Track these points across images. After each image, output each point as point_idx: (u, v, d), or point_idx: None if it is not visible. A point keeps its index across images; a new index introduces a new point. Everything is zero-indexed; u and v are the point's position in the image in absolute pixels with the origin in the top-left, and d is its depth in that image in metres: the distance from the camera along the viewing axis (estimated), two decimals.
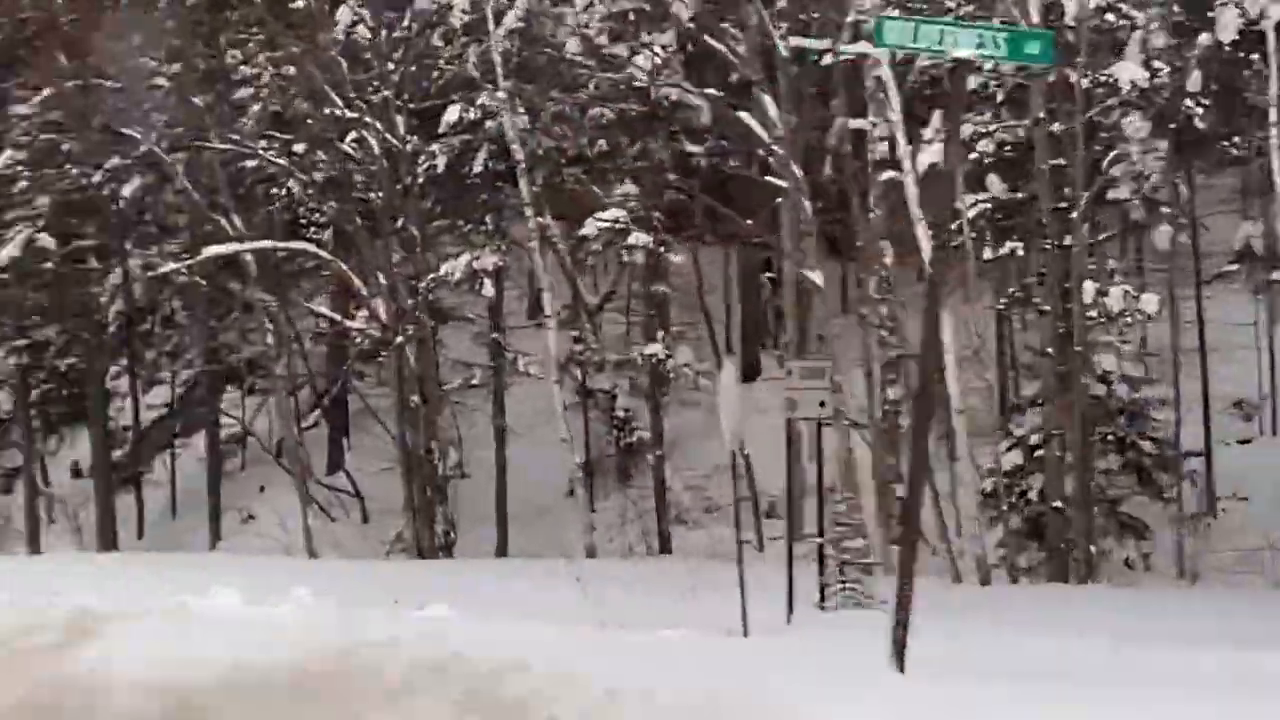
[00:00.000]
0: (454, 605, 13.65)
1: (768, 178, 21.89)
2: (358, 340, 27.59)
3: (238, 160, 26.81)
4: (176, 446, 31.46)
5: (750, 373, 28.68)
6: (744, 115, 22.79)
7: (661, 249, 25.26)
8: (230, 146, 25.58)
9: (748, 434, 16.35)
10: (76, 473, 34.39)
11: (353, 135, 25.56)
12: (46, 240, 27.35)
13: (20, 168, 27.64)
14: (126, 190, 28.83)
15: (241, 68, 27.31)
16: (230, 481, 30.33)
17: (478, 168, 25.83)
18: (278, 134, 26.00)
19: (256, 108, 27.02)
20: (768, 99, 21.21)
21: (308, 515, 26.83)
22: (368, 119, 25.00)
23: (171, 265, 26.01)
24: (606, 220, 24.38)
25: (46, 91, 27.77)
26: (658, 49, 24.77)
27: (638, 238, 24.52)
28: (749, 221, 23.92)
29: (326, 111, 25.30)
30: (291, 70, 26.58)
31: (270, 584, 17.72)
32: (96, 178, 27.50)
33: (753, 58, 21.43)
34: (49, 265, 27.56)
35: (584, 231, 24.55)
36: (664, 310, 27.73)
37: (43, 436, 31.47)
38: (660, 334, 26.33)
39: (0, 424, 32.60)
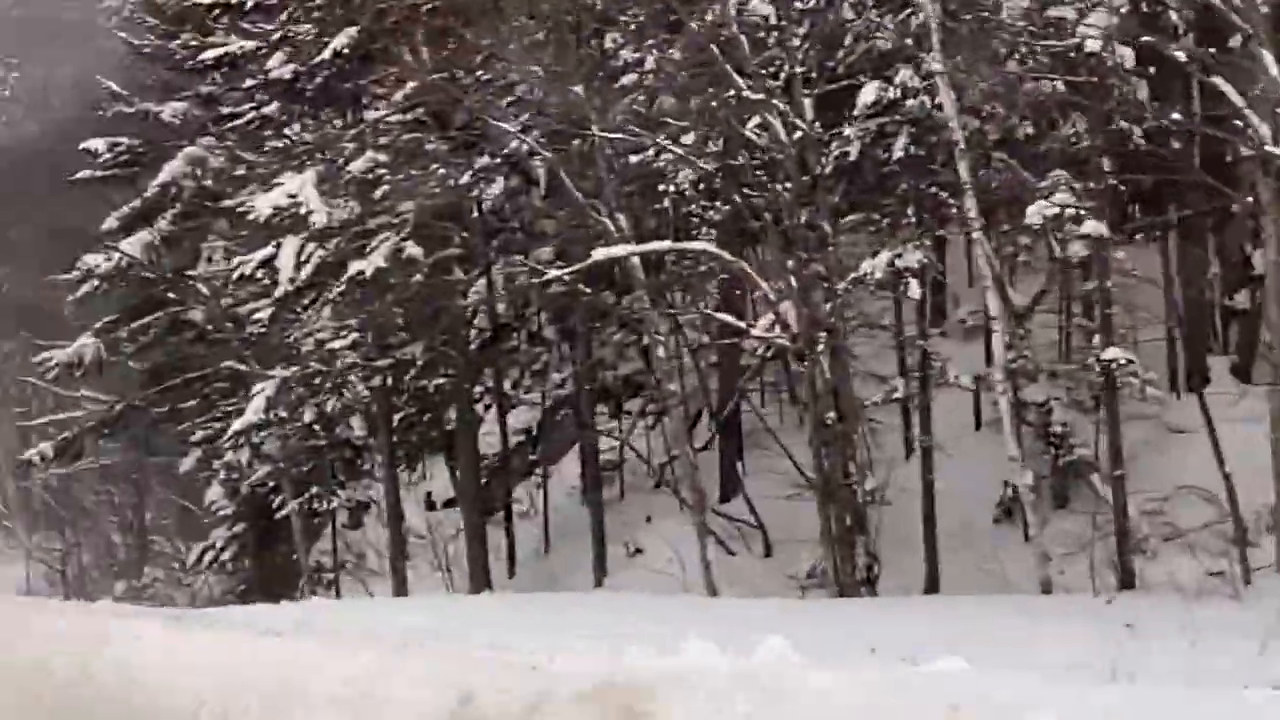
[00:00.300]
0: (955, 653, 12.03)
1: (1267, 149, 19.62)
2: (758, 351, 26.02)
3: (621, 155, 25.46)
4: (541, 474, 30.23)
5: (1197, 380, 26.53)
6: (1218, 81, 20.75)
7: (1114, 240, 23.22)
8: (621, 136, 24.15)
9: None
10: (430, 505, 33.58)
11: (755, 121, 24.00)
12: (413, 249, 26.12)
13: (382, 170, 26.54)
14: (490, 193, 27.75)
15: (621, 52, 26.04)
16: (608, 511, 29.01)
17: (898, 153, 24.08)
18: (671, 120, 24.48)
19: (641, 96, 25.72)
20: (1268, 56, 19.04)
21: (706, 548, 25.28)
22: (775, 101, 23.39)
23: (554, 272, 24.62)
24: (1054, 205, 22.36)
25: (409, 86, 26.67)
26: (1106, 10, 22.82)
27: (1092, 226, 22.47)
28: (1252, 200, 21.69)
29: (729, 94, 23.70)
30: (675, 54, 25.20)
31: (704, 629, 16.26)
32: (465, 178, 26.31)
33: (1250, 10, 19.27)
34: (418, 277, 26.31)
35: (1029, 220, 22.53)
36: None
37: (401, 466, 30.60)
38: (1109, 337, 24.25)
39: (354, 451, 31.79)
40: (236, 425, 27.98)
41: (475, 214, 28.29)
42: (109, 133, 37.14)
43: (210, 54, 29.77)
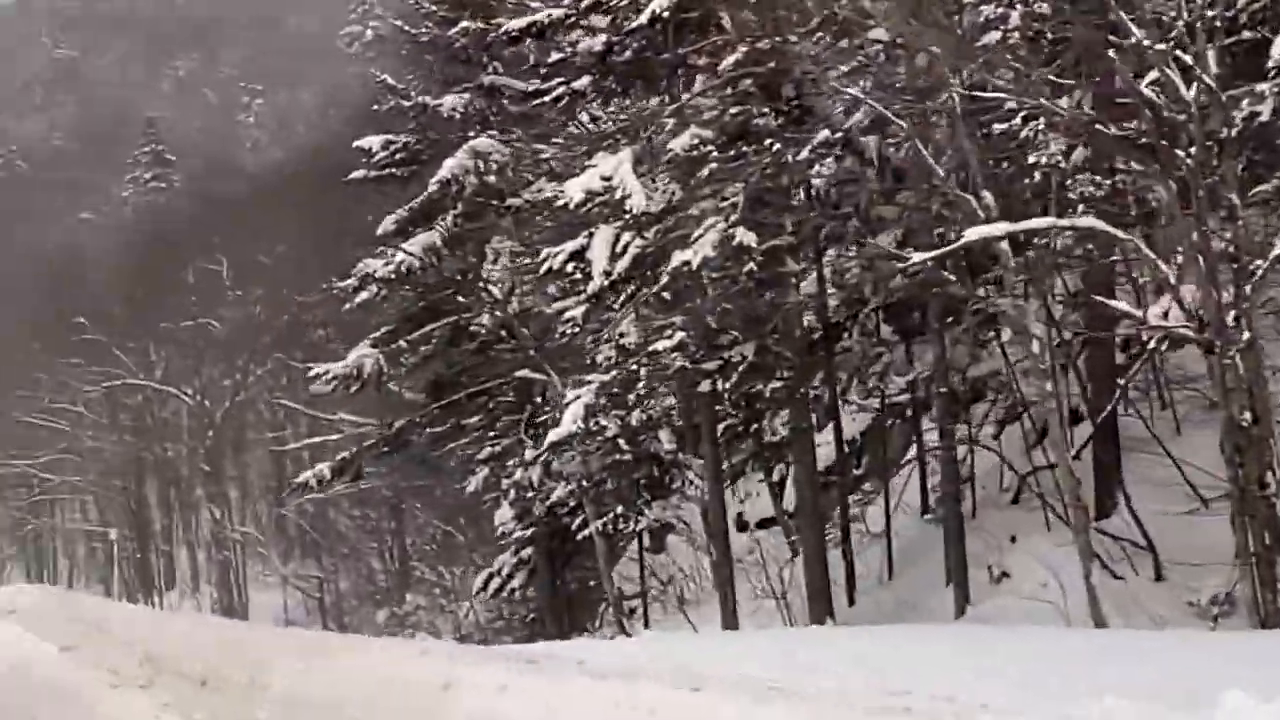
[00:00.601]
0: None
1: None
2: (1149, 342, 22.77)
3: (984, 124, 22.47)
4: (884, 489, 27.21)
5: None
6: None
7: None
8: (996, 95, 21.09)
9: None
10: (742, 526, 30.77)
11: (1151, 77, 20.80)
12: (744, 236, 23.26)
13: (709, 148, 23.75)
14: (820, 174, 24.86)
15: (982, 8, 23.03)
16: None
17: None
18: (1056, 79, 21.36)
19: (1007, 55, 22.66)
20: None
21: (1090, 572, 22.06)
22: (1179, 53, 20.18)
23: (918, 256, 21.54)
24: None
25: (739, 53, 23.87)
26: None
27: None
28: None
29: (1117, 47, 20.56)
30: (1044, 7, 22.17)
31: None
32: (804, 154, 23.44)
33: None
34: (750, 266, 23.45)
35: None
36: None
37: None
38: None
39: (661, 467, 29.06)
40: (552, 437, 25.28)
41: (803, 198, 25.38)
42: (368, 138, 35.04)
43: (516, 24, 27.22)
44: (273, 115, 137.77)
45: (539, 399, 34.01)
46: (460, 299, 31.95)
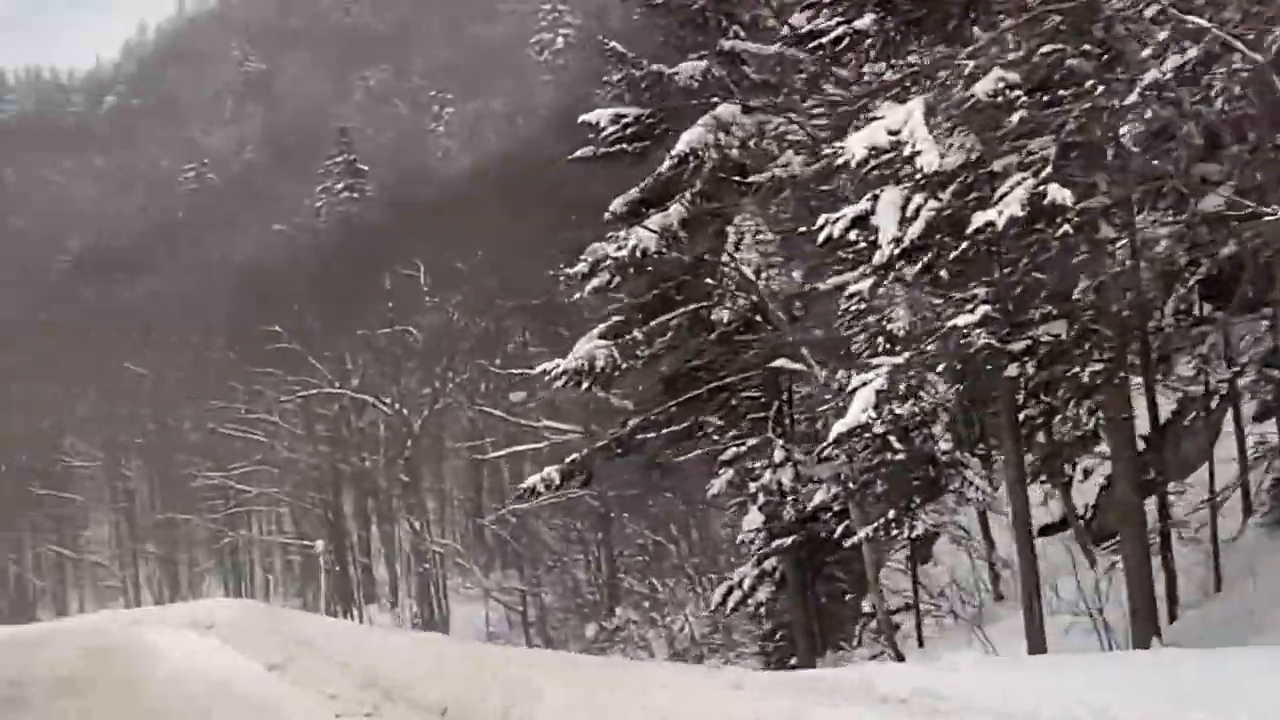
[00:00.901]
0: None
1: None
2: None
3: None
4: (1209, 488, 23.62)
5: None
6: None
7: None
8: None
9: None
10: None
11: None
12: (1058, 193, 19.79)
13: (1016, 93, 20.34)
14: (1136, 124, 21.36)
15: None
16: None
17: None
18: None
19: None
20: None
21: None
22: None
23: None
24: None
25: None
26: None
27: None
28: None
29: None
30: None
31: None
32: (1131, 98, 19.99)
33: None
34: (1065, 229, 20.01)
35: None
36: None
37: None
38: None
39: (936, 468, 25.66)
40: (838, 428, 21.90)
41: (1113, 155, 21.89)
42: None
43: None
44: (463, 124, 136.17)
45: (785, 394, 30.87)
46: (709, 281, 28.82)
